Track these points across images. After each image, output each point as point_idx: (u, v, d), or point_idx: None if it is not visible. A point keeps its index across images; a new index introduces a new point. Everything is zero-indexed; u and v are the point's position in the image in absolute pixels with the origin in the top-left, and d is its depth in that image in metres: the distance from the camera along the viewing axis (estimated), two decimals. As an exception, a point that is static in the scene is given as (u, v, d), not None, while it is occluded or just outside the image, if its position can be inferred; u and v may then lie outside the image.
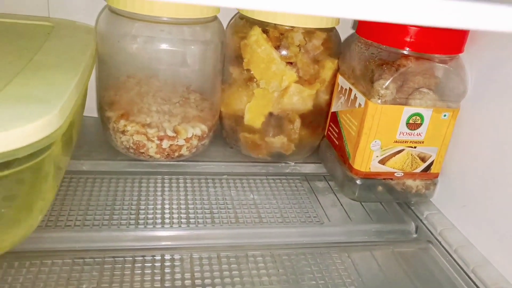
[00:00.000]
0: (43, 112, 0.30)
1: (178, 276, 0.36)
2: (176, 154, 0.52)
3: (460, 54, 0.47)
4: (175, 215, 0.44)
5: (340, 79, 0.53)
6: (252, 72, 0.51)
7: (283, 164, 0.57)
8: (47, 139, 0.30)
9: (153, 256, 0.38)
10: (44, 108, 0.31)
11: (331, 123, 0.56)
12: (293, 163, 0.57)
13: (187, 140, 0.51)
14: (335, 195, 0.52)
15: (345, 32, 0.60)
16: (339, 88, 0.53)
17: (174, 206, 0.45)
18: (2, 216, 0.31)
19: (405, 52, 0.45)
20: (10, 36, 0.45)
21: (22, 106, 0.31)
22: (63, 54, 0.42)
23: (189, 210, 0.45)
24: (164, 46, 0.48)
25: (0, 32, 0.45)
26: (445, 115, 0.47)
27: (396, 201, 0.52)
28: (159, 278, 0.36)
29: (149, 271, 0.37)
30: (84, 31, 0.51)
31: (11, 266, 0.35)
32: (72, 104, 0.35)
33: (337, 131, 0.54)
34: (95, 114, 0.59)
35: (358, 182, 0.49)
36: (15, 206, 0.32)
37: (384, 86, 0.45)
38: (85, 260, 0.37)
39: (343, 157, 0.51)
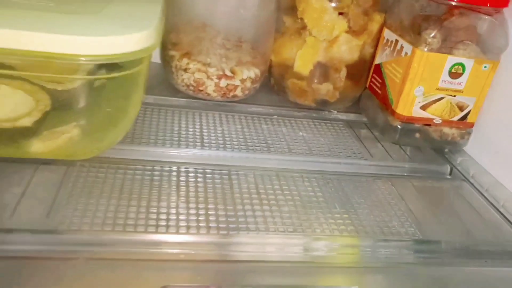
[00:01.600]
0: (144, 26, 0.35)
1: (244, 185, 0.41)
2: (231, 94, 0.56)
3: (504, 9, 0.50)
4: (235, 142, 0.48)
5: (386, 32, 0.57)
6: (305, 21, 0.55)
7: (327, 112, 0.61)
8: (147, 50, 0.35)
9: (221, 170, 0.43)
10: (144, 23, 0.35)
11: (374, 75, 0.60)
12: (336, 112, 0.61)
13: (242, 81, 0.55)
14: (377, 139, 0.56)
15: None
16: (385, 41, 0.57)
17: (233, 135, 0.50)
18: (108, 115, 0.36)
19: (453, 3, 0.49)
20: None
21: (127, 20, 0.35)
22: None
23: (247, 140, 0.50)
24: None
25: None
26: (485, 67, 0.51)
27: (433, 146, 0.56)
28: (228, 186, 0.41)
29: (219, 181, 0.41)
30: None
31: (100, 167, 0.40)
32: (161, 26, 0.39)
33: (380, 81, 0.58)
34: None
35: (399, 126, 0.53)
36: (116, 107, 0.36)
37: (431, 35, 0.49)
38: (160, 168, 0.42)
39: (386, 105, 0.55)
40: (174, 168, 0.42)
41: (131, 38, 0.33)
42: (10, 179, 0.36)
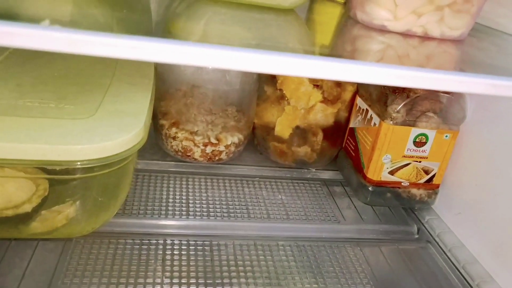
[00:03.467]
0: (134, 126, 0.40)
1: (224, 257, 0.46)
2: (217, 158, 0.61)
3: (462, 86, 0.55)
4: (218, 209, 0.53)
5: (359, 100, 0.62)
6: (284, 92, 0.60)
7: (305, 170, 0.66)
8: (137, 146, 0.40)
9: (203, 241, 0.48)
10: (134, 122, 0.40)
11: (348, 137, 0.65)
12: (314, 170, 0.66)
13: (226, 146, 0.60)
14: (350, 198, 0.61)
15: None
16: (357, 108, 0.62)
17: (217, 202, 0.54)
18: (99, 203, 0.40)
19: (415, 82, 0.54)
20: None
21: (118, 120, 0.40)
22: (135, 72, 0.51)
23: (229, 206, 0.54)
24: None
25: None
26: (446, 136, 0.56)
27: (402, 206, 0.61)
28: (209, 258, 0.45)
29: (201, 253, 0.46)
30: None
31: (93, 242, 0.45)
32: (149, 117, 0.44)
33: (353, 144, 0.63)
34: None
35: (370, 188, 0.58)
36: (107, 195, 0.41)
37: (396, 110, 0.54)
38: (148, 241, 0.46)
39: (358, 167, 0.60)
40: (161, 241, 0.47)
41: (122, 141, 0.38)
42: (11, 261, 0.41)
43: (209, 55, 0.24)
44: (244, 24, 0.38)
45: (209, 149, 0.60)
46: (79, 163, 0.36)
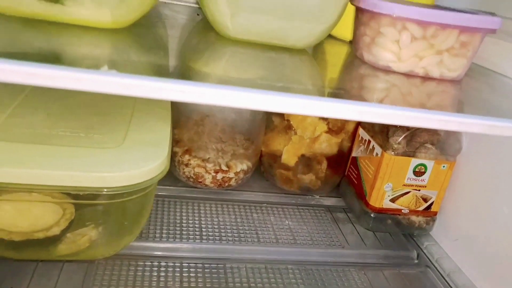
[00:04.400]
0: (159, 155, 0.43)
1: (237, 279, 0.48)
2: (226, 184, 0.64)
3: (457, 120, 0.59)
4: (229, 234, 0.56)
5: (361, 131, 0.66)
6: (291, 122, 0.64)
7: (310, 196, 0.69)
8: (160, 174, 0.43)
9: (217, 264, 0.50)
10: (158, 151, 0.43)
11: (351, 165, 0.68)
12: (318, 196, 0.69)
13: (236, 173, 0.63)
14: (353, 224, 0.64)
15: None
16: (360, 138, 0.66)
17: (228, 226, 0.57)
18: (123, 227, 0.43)
19: (414, 116, 0.58)
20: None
21: (143, 149, 0.43)
22: (154, 102, 0.55)
23: (240, 230, 0.57)
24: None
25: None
26: (444, 166, 0.60)
27: (402, 232, 0.64)
28: (224, 280, 0.48)
29: (216, 275, 0.48)
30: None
31: (114, 264, 0.47)
32: (170, 146, 0.47)
33: (356, 172, 0.66)
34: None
35: (372, 215, 0.61)
36: (130, 220, 0.44)
37: (397, 142, 0.58)
38: (165, 263, 0.49)
39: (361, 194, 0.64)
40: (177, 264, 0.49)
41: (149, 170, 0.41)
42: (39, 281, 0.43)
43: (244, 97, 0.28)
44: (261, 63, 0.42)
45: (219, 176, 0.63)
46: (105, 189, 0.39)
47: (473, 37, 0.42)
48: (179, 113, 0.65)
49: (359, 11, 0.46)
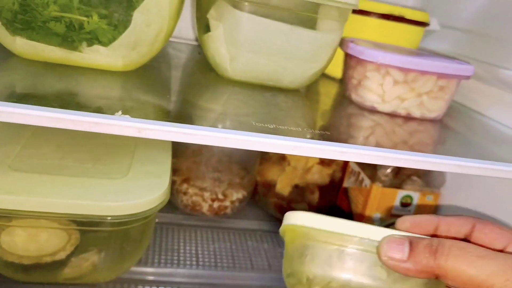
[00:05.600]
0: (160, 186, 0.46)
1: (232, 305, 0.51)
2: (222, 212, 0.67)
3: (441, 154, 0.63)
4: (225, 261, 0.59)
5: (352, 163, 0.69)
6: (285, 154, 0.68)
7: (302, 224, 0.72)
8: (161, 204, 0.46)
9: (213, 290, 0.53)
10: (160, 182, 0.47)
11: (342, 195, 0.72)
12: (310, 225, 0.72)
13: (232, 202, 0.67)
14: (343, 253, 0.67)
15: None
16: (350, 170, 0.69)
17: (223, 253, 0.60)
18: (128, 252, 0.46)
19: (400, 150, 0.61)
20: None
21: (147, 180, 0.46)
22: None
23: (234, 257, 0.60)
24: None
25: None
26: (429, 197, 0.63)
27: (390, 261, 0.66)
28: (219, 305, 0.51)
29: (211, 301, 0.51)
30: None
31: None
32: (171, 177, 0.51)
33: (346, 202, 0.69)
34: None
35: (361, 244, 0.64)
36: (132, 246, 0.47)
37: (385, 174, 0.61)
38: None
39: (351, 224, 0.67)
40: (176, 289, 0.52)
41: (151, 200, 0.44)
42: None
43: (244, 140, 0.32)
44: (257, 103, 0.45)
45: (216, 204, 0.66)
46: (109, 217, 0.42)
47: (449, 82, 0.46)
48: (178, 143, 0.68)
49: (347, 56, 0.51)
